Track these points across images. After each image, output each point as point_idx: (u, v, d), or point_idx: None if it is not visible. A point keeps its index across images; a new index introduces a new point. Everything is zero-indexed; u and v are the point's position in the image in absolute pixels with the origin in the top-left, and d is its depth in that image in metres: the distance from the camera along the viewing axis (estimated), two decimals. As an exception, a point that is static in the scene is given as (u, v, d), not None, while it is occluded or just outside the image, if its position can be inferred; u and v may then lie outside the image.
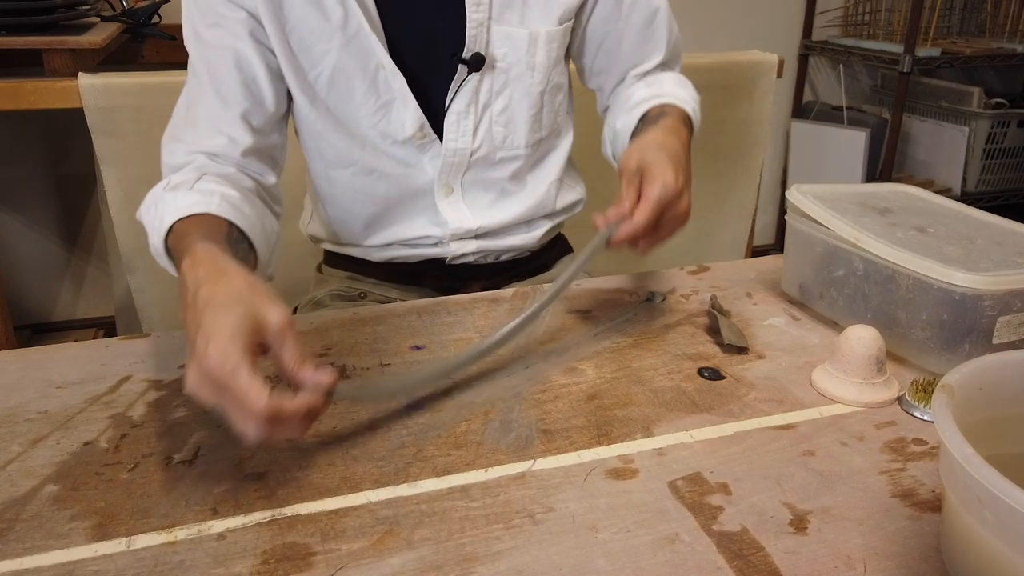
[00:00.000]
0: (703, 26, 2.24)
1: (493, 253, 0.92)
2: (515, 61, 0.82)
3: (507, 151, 0.86)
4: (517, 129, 0.85)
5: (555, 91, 0.86)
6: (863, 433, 0.57)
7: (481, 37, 0.79)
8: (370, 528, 0.47)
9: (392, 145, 0.82)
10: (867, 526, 0.48)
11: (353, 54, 0.76)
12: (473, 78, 0.80)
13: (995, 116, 2.23)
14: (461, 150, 0.83)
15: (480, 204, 0.88)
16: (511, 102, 0.84)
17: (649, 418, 0.59)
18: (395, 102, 0.79)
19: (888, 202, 0.77)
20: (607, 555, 0.45)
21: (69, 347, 0.71)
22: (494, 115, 0.84)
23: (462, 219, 0.88)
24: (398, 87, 0.78)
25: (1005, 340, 0.62)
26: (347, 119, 0.80)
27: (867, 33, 2.34)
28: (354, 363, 0.67)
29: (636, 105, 0.84)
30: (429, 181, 0.85)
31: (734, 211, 1.48)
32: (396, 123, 0.80)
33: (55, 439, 0.56)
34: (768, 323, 0.74)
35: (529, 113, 0.85)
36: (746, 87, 1.38)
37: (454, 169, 0.85)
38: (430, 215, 0.88)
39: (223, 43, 0.74)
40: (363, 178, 0.84)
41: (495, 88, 0.82)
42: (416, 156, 0.83)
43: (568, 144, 0.93)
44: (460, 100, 0.81)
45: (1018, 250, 0.66)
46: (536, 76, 0.83)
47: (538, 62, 0.83)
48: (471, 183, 0.87)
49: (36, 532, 0.47)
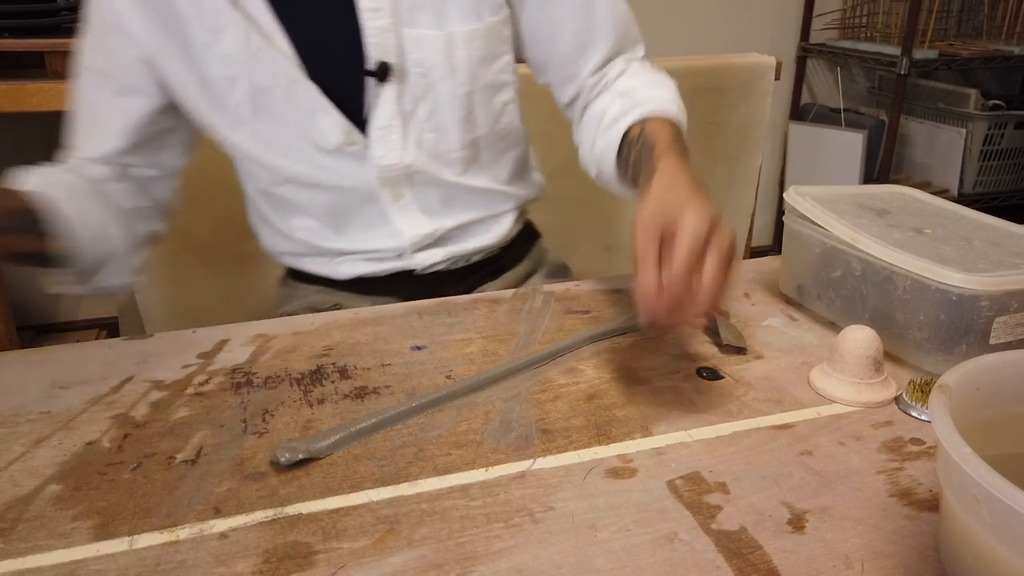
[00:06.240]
0: (701, 28, 2.24)
1: (463, 258, 0.89)
2: (433, 65, 0.76)
3: (443, 156, 0.82)
4: (447, 133, 0.80)
5: (491, 91, 0.81)
6: (861, 433, 0.58)
7: (387, 44, 0.74)
8: (371, 527, 0.48)
9: (326, 155, 0.79)
10: (865, 525, 0.48)
11: (263, 72, 0.74)
12: (391, 88, 0.76)
13: (992, 118, 2.24)
14: (392, 165, 0.80)
15: (433, 207, 0.84)
16: (436, 107, 0.79)
17: (648, 418, 0.59)
18: (316, 113, 0.76)
19: (886, 203, 0.78)
20: (606, 554, 0.46)
21: (72, 348, 0.71)
22: (421, 123, 0.79)
23: (417, 225, 0.84)
24: (313, 98, 0.75)
25: (1002, 340, 0.62)
26: (277, 135, 0.78)
27: (865, 35, 2.34)
28: (355, 363, 0.67)
29: (613, 122, 0.76)
30: (373, 189, 0.81)
31: (732, 212, 1.48)
32: (321, 133, 0.77)
33: (58, 439, 0.57)
34: (766, 323, 0.75)
35: (458, 116, 0.80)
36: (744, 89, 1.38)
37: (395, 178, 0.81)
38: (383, 226, 0.84)
39: (96, 91, 0.77)
40: (305, 192, 0.82)
41: (417, 95, 0.78)
42: (353, 165, 0.80)
43: (523, 141, 0.89)
44: (381, 114, 0.77)
45: (1015, 251, 0.66)
46: (460, 78, 0.78)
47: (459, 64, 0.77)
48: (419, 188, 0.83)
49: (38, 532, 0.48)
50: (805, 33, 2.36)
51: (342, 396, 0.62)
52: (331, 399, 0.61)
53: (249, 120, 0.77)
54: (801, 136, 2.38)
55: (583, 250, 1.39)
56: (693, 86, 1.34)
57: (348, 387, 0.63)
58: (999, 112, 2.25)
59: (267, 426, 0.58)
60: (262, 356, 0.68)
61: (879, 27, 2.32)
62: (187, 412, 0.60)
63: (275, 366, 0.67)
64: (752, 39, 2.31)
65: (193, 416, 0.59)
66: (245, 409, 0.60)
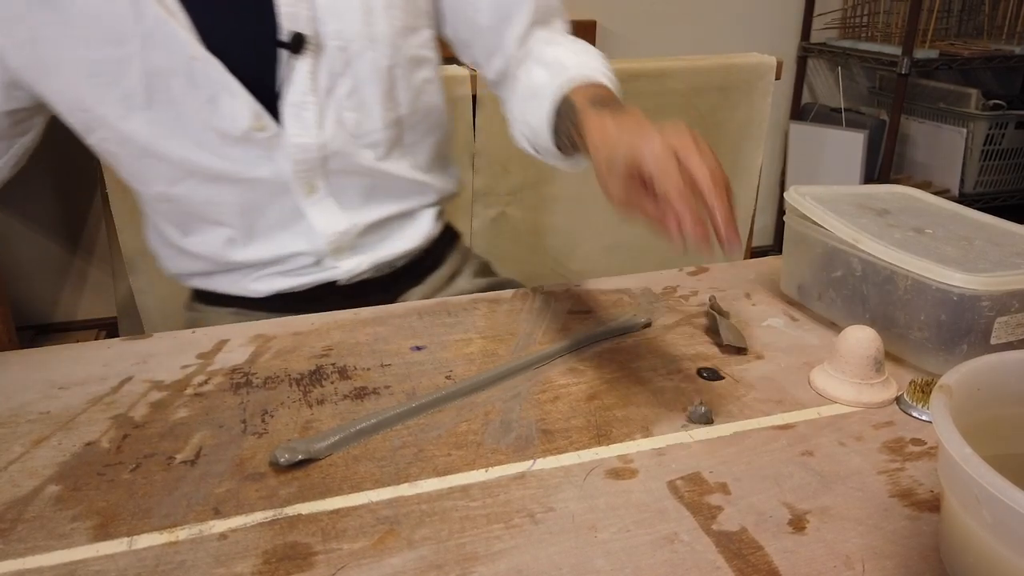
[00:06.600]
0: (702, 28, 2.24)
1: (388, 264, 0.85)
2: (353, 36, 0.72)
3: (364, 137, 0.77)
4: (371, 111, 0.76)
5: (412, 66, 0.77)
6: (862, 433, 0.57)
7: (301, 14, 0.69)
8: (371, 528, 0.48)
9: (232, 144, 0.73)
10: (866, 526, 0.48)
11: (159, 50, 0.68)
12: (305, 62, 0.71)
13: (993, 117, 2.24)
14: (307, 145, 0.74)
15: (350, 200, 0.79)
16: (357, 84, 0.74)
17: (648, 418, 0.59)
18: (220, 94, 0.70)
19: (886, 203, 0.78)
20: (607, 555, 0.46)
21: (71, 348, 0.71)
22: (341, 101, 0.74)
23: (333, 222, 0.79)
24: (218, 76, 0.69)
25: (1003, 340, 0.62)
26: (175, 123, 0.71)
27: (865, 35, 2.34)
28: (354, 363, 0.67)
29: (543, 90, 0.72)
30: (286, 181, 0.75)
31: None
32: (227, 117, 0.71)
33: (57, 439, 0.57)
34: (767, 324, 0.74)
35: (380, 91, 0.75)
36: (745, 89, 1.38)
37: (309, 165, 0.75)
38: (297, 223, 0.78)
39: None
40: (209, 187, 0.75)
41: (335, 70, 0.73)
42: (263, 153, 0.74)
43: (442, 126, 0.85)
44: (295, 89, 0.72)
45: (1016, 251, 0.66)
46: (380, 49, 0.74)
47: (379, 33, 0.73)
48: (336, 177, 0.77)
49: (38, 532, 0.48)
50: (806, 33, 2.36)
51: (342, 396, 0.62)
52: (331, 399, 0.61)
53: (143, 107, 0.70)
54: (802, 136, 2.37)
55: (583, 250, 1.39)
56: (694, 86, 1.34)
57: (348, 387, 0.63)
58: (1000, 112, 2.24)
59: (266, 427, 0.58)
60: (261, 356, 0.68)
61: (880, 27, 2.32)
62: (186, 412, 0.60)
63: (275, 366, 0.67)
64: (753, 39, 2.31)
65: (192, 416, 0.59)
66: (244, 409, 0.60)
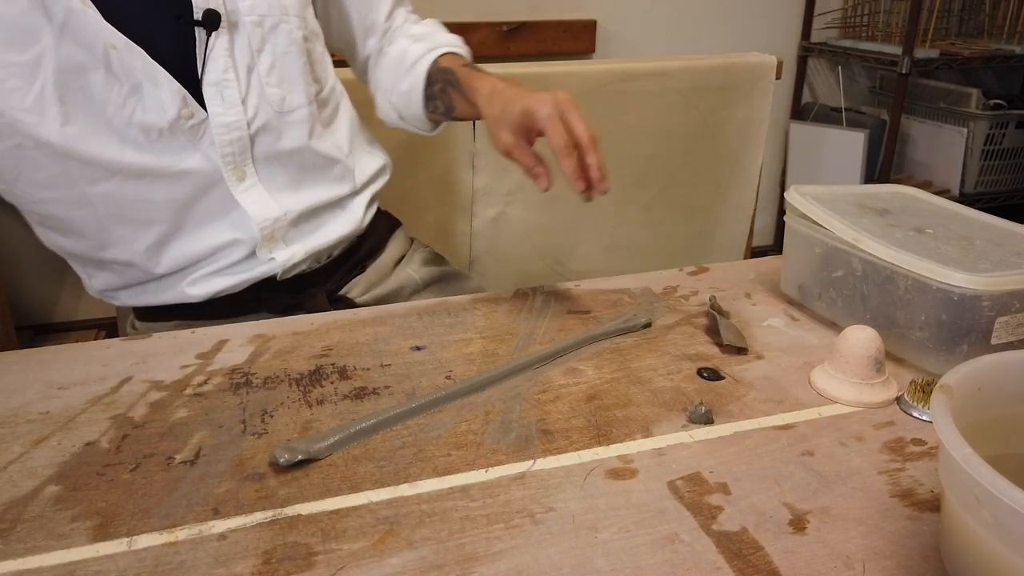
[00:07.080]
0: (702, 28, 2.24)
1: (324, 252, 0.85)
2: (267, 10, 0.73)
3: (289, 113, 0.77)
4: (294, 85, 0.77)
5: (315, 39, 0.81)
6: (862, 433, 0.57)
7: None
8: (371, 528, 0.48)
9: (158, 138, 0.71)
10: (866, 526, 0.48)
11: (73, 45, 0.65)
12: (221, 40, 0.71)
13: (993, 117, 2.24)
14: (234, 124, 0.73)
15: (279, 184, 0.79)
16: (276, 57, 0.75)
17: (648, 418, 0.59)
18: (143, 84, 0.68)
19: (887, 203, 0.78)
20: (607, 555, 0.46)
21: (70, 348, 0.71)
22: (263, 76, 0.74)
23: (265, 208, 0.78)
24: (141, 65, 0.68)
25: (1004, 340, 0.62)
26: (95, 121, 0.69)
27: (866, 35, 2.34)
28: (354, 364, 0.67)
29: (417, 61, 0.83)
30: (215, 170, 0.74)
31: (733, 212, 1.48)
32: (154, 107, 0.69)
33: (56, 439, 0.57)
34: (767, 324, 0.74)
35: (300, 64, 0.77)
36: (745, 88, 1.38)
37: (238, 149, 0.75)
38: (230, 212, 0.77)
39: None
40: (134, 185, 0.72)
41: (254, 45, 0.73)
42: (189, 142, 0.72)
43: (347, 101, 0.88)
44: (214, 67, 0.71)
45: (1016, 251, 0.66)
46: (293, 20, 0.75)
47: (288, 3, 0.75)
48: (264, 162, 0.77)
49: (37, 532, 0.48)
50: (806, 32, 2.36)
51: (341, 397, 0.62)
52: (330, 400, 0.61)
53: (59, 109, 0.67)
54: (802, 136, 2.37)
55: (583, 250, 1.39)
56: (694, 85, 1.34)
57: (347, 388, 0.63)
58: (1000, 112, 2.24)
59: (266, 427, 0.58)
60: (261, 356, 0.68)
61: (880, 26, 2.32)
62: (186, 413, 0.60)
63: (274, 366, 0.66)
64: (753, 38, 2.31)
65: (192, 417, 0.59)
66: (244, 410, 0.60)
